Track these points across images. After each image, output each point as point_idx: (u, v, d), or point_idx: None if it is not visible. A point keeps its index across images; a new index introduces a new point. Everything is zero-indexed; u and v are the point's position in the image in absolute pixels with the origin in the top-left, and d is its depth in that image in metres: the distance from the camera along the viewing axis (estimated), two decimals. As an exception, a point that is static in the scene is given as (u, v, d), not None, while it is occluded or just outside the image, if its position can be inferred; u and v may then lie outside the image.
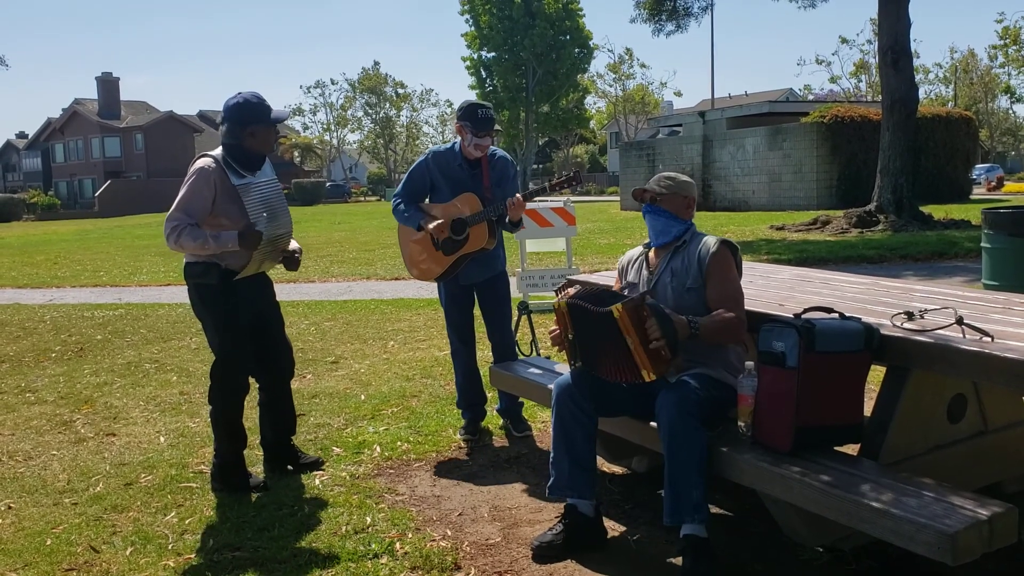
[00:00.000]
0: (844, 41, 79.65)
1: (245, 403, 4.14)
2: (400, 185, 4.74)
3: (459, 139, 4.61)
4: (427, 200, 4.73)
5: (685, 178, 3.68)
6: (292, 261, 4.23)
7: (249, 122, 3.94)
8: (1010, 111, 64.96)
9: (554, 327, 3.56)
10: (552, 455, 3.44)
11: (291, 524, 3.68)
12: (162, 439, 5.03)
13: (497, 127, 4.67)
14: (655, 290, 3.52)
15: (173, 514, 3.88)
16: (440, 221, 4.51)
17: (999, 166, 47.98)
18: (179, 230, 3.84)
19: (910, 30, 16.45)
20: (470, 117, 4.49)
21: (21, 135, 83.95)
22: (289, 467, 4.34)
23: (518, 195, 4.47)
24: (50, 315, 10.53)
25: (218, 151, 4.00)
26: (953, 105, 54.36)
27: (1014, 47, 52.46)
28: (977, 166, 36.36)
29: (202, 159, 3.99)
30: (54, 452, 4.89)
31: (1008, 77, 56.55)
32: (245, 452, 4.17)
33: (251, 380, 4.31)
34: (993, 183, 37.16)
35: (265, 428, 4.37)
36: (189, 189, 3.91)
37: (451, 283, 4.73)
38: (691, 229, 3.62)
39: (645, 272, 3.63)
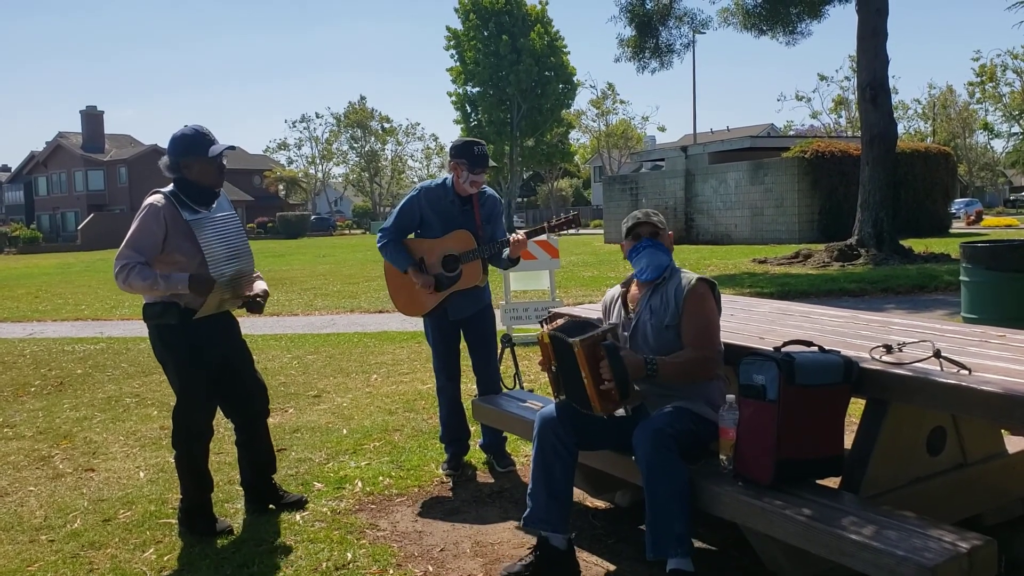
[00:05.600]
0: (823, 78, 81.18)
1: (227, 443, 4.09)
2: (389, 220, 4.73)
3: (450, 175, 4.63)
4: (414, 235, 4.73)
5: None
6: (254, 305, 4.08)
7: (182, 155, 3.87)
8: (988, 146, 65.81)
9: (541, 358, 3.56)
10: (530, 486, 3.44)
11: (271, 561, 3.64)
12: (142, 474, 4.98)
13: (492, 163, 4.70)
14: (635, 329, 3.54)
15: (152, 551, 3.83)
16: (427, 277, 4.55)
17: (978, 200, 48.55)
18: (128, 269, 3.72)
19: (888, 67, 16.72)
20: (466, 155, 4.51)
21: (4, 168, 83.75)
22: (271, 506, 4.27)
23: (522, 233, 4.48)
24: (30, 349, 10.44)
25: (170, 187, 3.92)
26: (932, 140, 55.06)
27: (991, 84, 53.34)
28: (956, 200, 36.84)
29: (153, 195, 3.90)
30: (31, 488, 4.83)
31: (985, 113, 57.48)
32: (229, 489, 4.12)
33: (228, 420, 4.27)
34: (972, 217, 37.59)
35: (244, 468, 4.30)
36: (138, 226, 3.81)
37: (439, 318, 4.73)
38: (672, 264, 3.66)
39: (624, 312, 3.65)
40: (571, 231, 4.65)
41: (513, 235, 4.46)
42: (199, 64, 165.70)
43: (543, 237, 4.96)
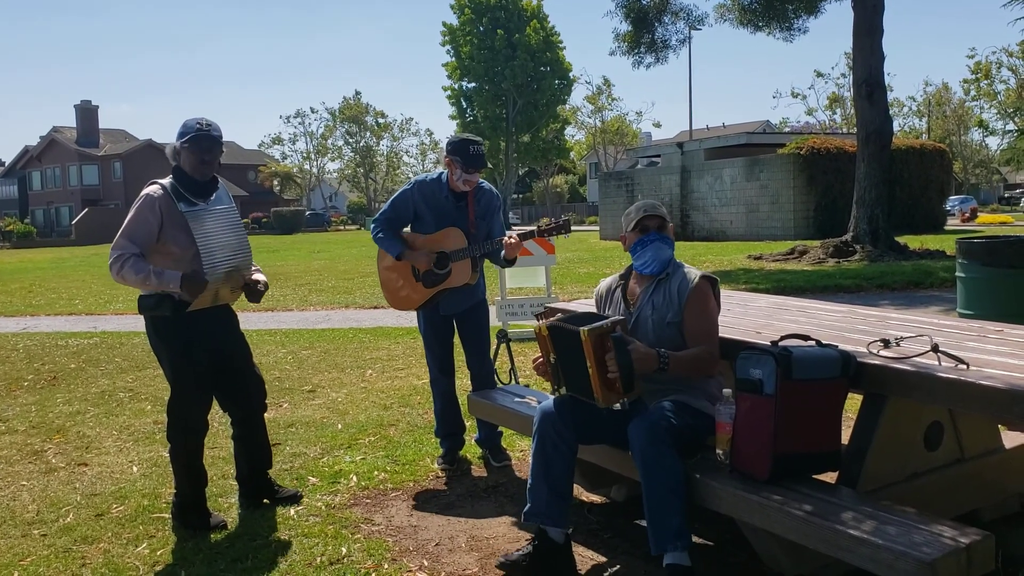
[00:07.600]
0: (819, 75, 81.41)
1: (221, 437, 4.06)
2: (381, 211, 4.68)
3: (447, 170, 4.58)
4: (408, 229, 4.70)
5: None
6: (254, 292, 4.06)
7: (177, 140, 3.87)
8: (983, 143, 65.90)
9: (537, 356, 3.55)
10: (530, 481, 3.42)
11: (265, 555, 3.62)
12: (135, 469, 4.95)
13: (489, 164, 4.67)
14: (636, 323, 3.52)
15: (144, 545, 3.81)
16: (424, 255, 4.49)
17: (972, 198, 48.60)
18: (123, 260, 3.71)
19: (884, 64, 16.72)
20: (461, 153, 4.43)
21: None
22: (266, 501, 4.24)
23: (515, 235, 4.43)
24: (23, 344, 10.39)
25: (168, 178, 3.91)
26: (927, 137, 55.12)
27: (986, 81, 53.39)
28: (951, 197, 36.85)
29: (150, 185, 3.89)
30: (24, 482, 4.80)
31: (981, 110, 57.50)
32: (224, 483, 4.09)
33: (223, 414, 4.24)
34: (967, 214, 37.64)
35: (240, 462, 4.28)
36: (134, 216, 3.80)
37: (431, 312, 4.69)
38: (674, 259, 3.64)
39: (623, 305, 3.63)
40: (561, 235, 4.63)
41: (506, 237, 4.42)
42: (195, 62, 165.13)
43: (529, 228, 4.93)
